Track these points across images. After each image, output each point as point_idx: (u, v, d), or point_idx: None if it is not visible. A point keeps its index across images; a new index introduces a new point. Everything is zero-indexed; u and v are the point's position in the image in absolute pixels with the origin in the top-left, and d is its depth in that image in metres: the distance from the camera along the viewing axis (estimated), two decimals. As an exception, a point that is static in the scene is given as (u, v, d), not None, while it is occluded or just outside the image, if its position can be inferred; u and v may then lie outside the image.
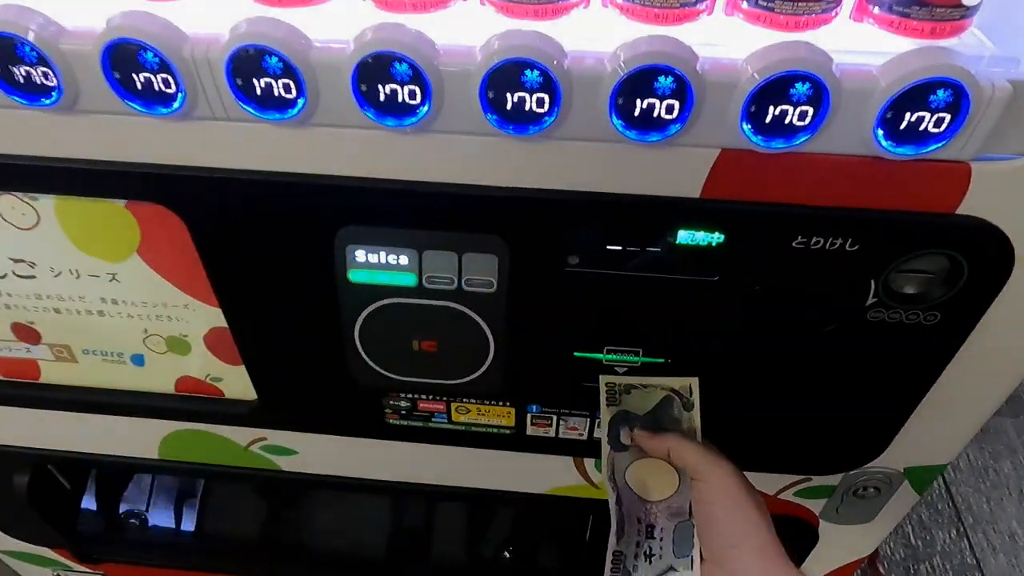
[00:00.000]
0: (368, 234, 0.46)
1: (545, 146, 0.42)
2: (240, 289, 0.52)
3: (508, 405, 0.60)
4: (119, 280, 0.58)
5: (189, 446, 0.72)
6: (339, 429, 0.66)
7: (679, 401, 0.52)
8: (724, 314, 0.50)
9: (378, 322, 0.49)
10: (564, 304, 0.50)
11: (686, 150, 0.42)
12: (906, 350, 0.50)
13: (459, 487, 0.72)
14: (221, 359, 0.63)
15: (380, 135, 0.42)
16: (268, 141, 0.44)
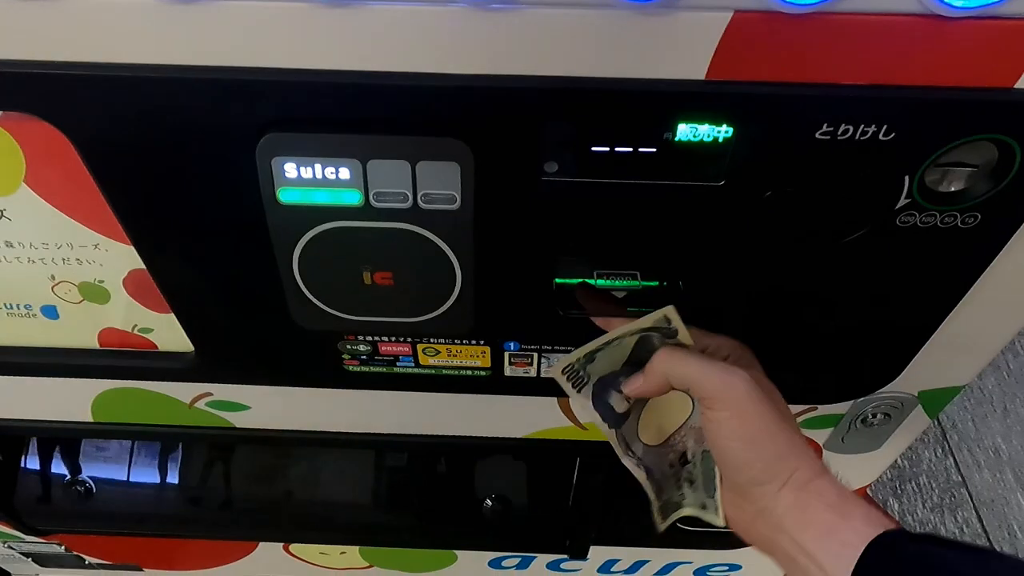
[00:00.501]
0: (298, 143, 0.37)
1: (514, 18, 0.33)
2: (150, 222, 0.44)
3: (482, 344, 0.53)
4: (9, 217, 0.48)
5: (125, 406, 0.64)
6: (291, 379, 0.58)
7: (658, 335, 0.44)
8: (729, 226, 0.42)
9: (320, 252, 0.41)
10: (542, 221, 0.42)
11: (688, 17, 0.33)
12: (937, 259, 0.44)
13: (432, 436, 0.66)
14: (147, 307, 0.54)
15: (304, 10, 0.33)
16: (163, 25, 0.34)
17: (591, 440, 0.66)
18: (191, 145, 0.38)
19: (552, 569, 0.97)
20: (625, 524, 0.79)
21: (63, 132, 0.39)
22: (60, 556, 1.00)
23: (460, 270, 0.42)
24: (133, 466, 0.78)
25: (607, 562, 0.94)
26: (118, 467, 0.79)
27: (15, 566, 1.06)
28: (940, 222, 0.41)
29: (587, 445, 0.66)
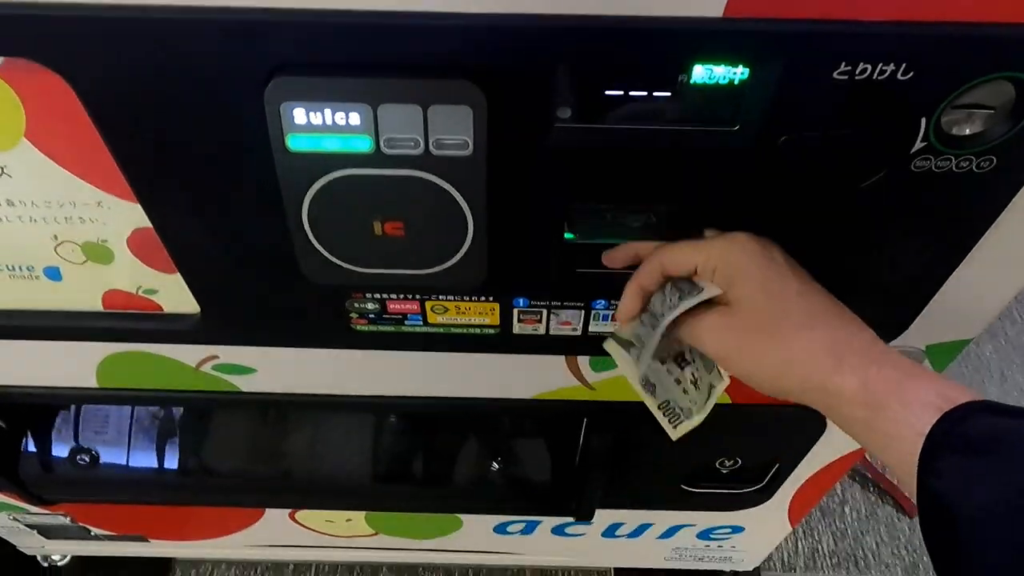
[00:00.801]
0: (307, 87, 0.36)
1: (527, -48, 0.33)
2: (155, 173, 0.43)
3: (491, 300, 0.53)
4: (10, 174, 0.47)
5: (131, 371, 0.64)
6: (299, 340, 0.58)
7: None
8: (742, 172, 0.42)
9: (330, 202, 0.40)
10: (555, 169, 0.41)
11: (707, -49, 0.33)
12: (951, 206, 0.43)
13: (439, 398, 0.66)
14: (152, 266, 0.54)
15: (311, -53, 0.32)
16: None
17: (598, 400, 0.66)
18: (198, 91, 0.38)
19: (557, 534, 0.97)
20: (631, 486, 0.79)
21: (65, 79, 0.38)
22: (66, 527, 1.00)
23: (472, 220, 0.41)
24: (132, 449, 0.78)
25: (611, 526, 0.95)
26: (118, 450, 0.78)
27: (20, 538, 1.06)
28: (955, 166, 0.41)
29: (594, 406, 0.66)
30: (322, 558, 1.19)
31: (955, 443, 0.33)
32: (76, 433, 0.75)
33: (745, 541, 0.99)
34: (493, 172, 0.40)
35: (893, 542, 1.24)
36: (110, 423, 0.77)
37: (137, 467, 0.77)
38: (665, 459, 0.77)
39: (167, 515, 0.99)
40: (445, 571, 1.19)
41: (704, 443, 0.74)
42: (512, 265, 0.46)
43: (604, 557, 1.11)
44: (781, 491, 0.83)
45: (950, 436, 0.34)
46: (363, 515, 0.94)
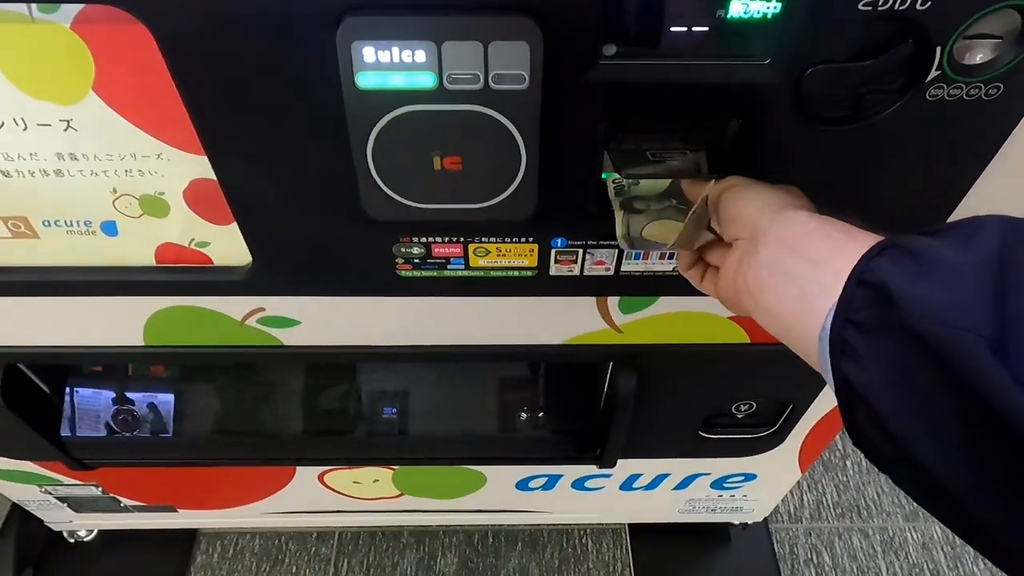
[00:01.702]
0: (377, 26, 0.39)
1: None
2: (225, 118, 0.45)
3: (531, 241, 0.56)
4: (75, 128, 0.50)
5: (178, 327, 0.66)
6: (345, 288, 0.61)
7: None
8: (771, 105, 0.45)
9: (393, 139, 0.43)
10: (599, 103, 0.44)
11: None
12: (962, 133, 0.47)
13: (473, 345, 0.69)
14: (205, 218, 0.56)
15: None
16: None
17: (625, 343, 0.69)
18: (272, 33, 0.40)
19: (577, 488, 1.01)
20: (651, 433, 0.83)
21: (144, 23, 0.40)
22: (96, 499, 1.03)
23: (525, 153, 0.44)
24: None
25: (629, 478, 0.99)
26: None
27: (49, 513, 1.08)
28: (966, 94, 0.45)
29: (621, 349, 0.70)
30: (345, 524, 1.22)
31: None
32: (119, 395, 0.77)
33: (756, 489, 1.03)
34: (545, 106, 0.43)
35: (893, 492, 1.29)
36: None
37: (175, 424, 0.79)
38: (684, 405, 0.81)
39: (196, 483, 1.01)
40: (465, 534, 1.22)
41: (721, 386, 0.79)
42: (558, 199, 0.49)
43: (620, 513, 1.15)
44: (792, 435, 0.87)
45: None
46: (390, 475, 0.97)
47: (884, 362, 0.31)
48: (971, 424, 0.29)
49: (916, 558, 1.22)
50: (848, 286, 0.33)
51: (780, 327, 0.40)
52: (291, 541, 1.22)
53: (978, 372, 0.28)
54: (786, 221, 0.40)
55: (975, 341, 0.28)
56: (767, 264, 0.40)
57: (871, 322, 0.32)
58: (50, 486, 0.98)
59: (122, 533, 1.16)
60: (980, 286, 0.29)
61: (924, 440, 0.30)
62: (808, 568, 1.20)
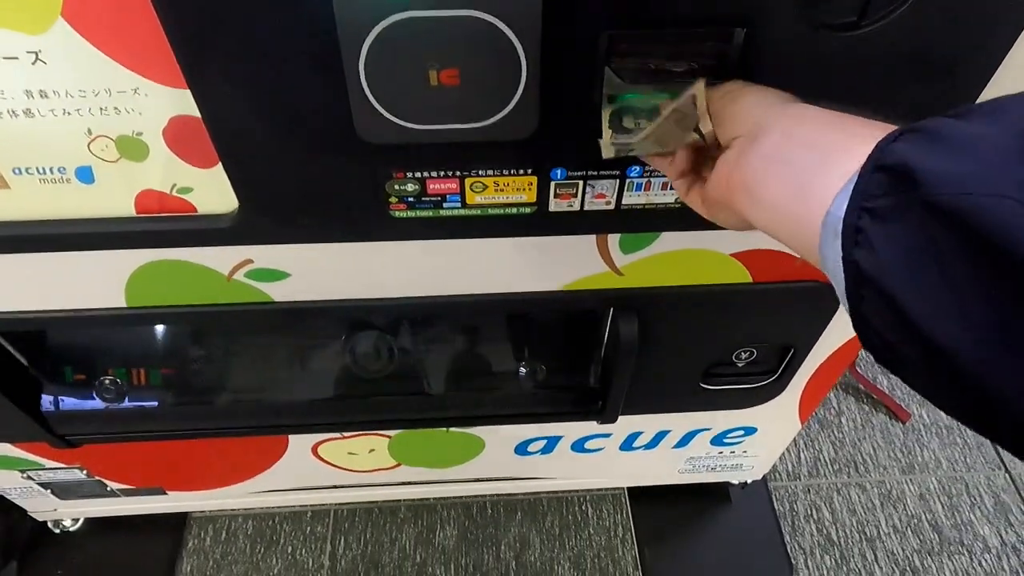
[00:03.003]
0: (366, -77, 0.37)
1: None
2: (210, 40, 0.43)
3: (529, 173, 0.54)
4: (45, 60, 0.47)
5: (161, 285, 0.63)
6: (337, 233, 0.58)
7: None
8: (776, 11, 0.44)
9: (387, 51, 0.41)
10: (604, 7, 0.42)
11: None
12: (967, 35, 0.46)
13: (471, 295, 0.67)
14: (187, 160, 0.54)
15: None
16: None
17: (626, 287, 0.68)
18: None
19: (576, 450, 1.00)
20: (651, 385, 0.82)
21: (118, -70, 0.38)
22: (81, 484, 0.99)
23: (526, 62, 0.42)
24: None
25: (629, 437, 0.98)
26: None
27: (32, 501, 1.05)
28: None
29: (622, 293, 0.68)
30: (341, 500, 1.20)
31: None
32: (100, 364, 0.74)
33: (756, 445, 1.02)
34: (547, 12, 0.41)
35: (888, 446, 1.30)
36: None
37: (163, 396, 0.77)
38: (685, 354, 0.80)
39: (185, 461, 0.98)
40: (463, 506, 1.21)
41: (723, 332, 0.78)
42: (559, 119, 0.47)
43: (620, 476, 1.14)
44: (793, 383, 0.87)
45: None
46: (386, 444, 0.95)
47: (902, 245, 0.30)
48: (1005, 296, 0.27)
49: (914, 509, 1.23)
50: (864, 173, 0.31)
51: (776, 218, 0.38)
52: (285, 521, 1.19)
53: (1017, 236, 0.26)
54: (794, 113, 0.38)
55: (1010, 206, 0.26)
56: (768, 153, 0.38)
57: (890, 207, 0.30)
58: (32, 471, 0.95)
59: (110, 520, 1.13)
60: (1009, 154, 0.28)
61: (944, 318, 0.29)
62: (808, 523, 1.21)
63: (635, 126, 0.48)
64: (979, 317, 0.28)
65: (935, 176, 0.29)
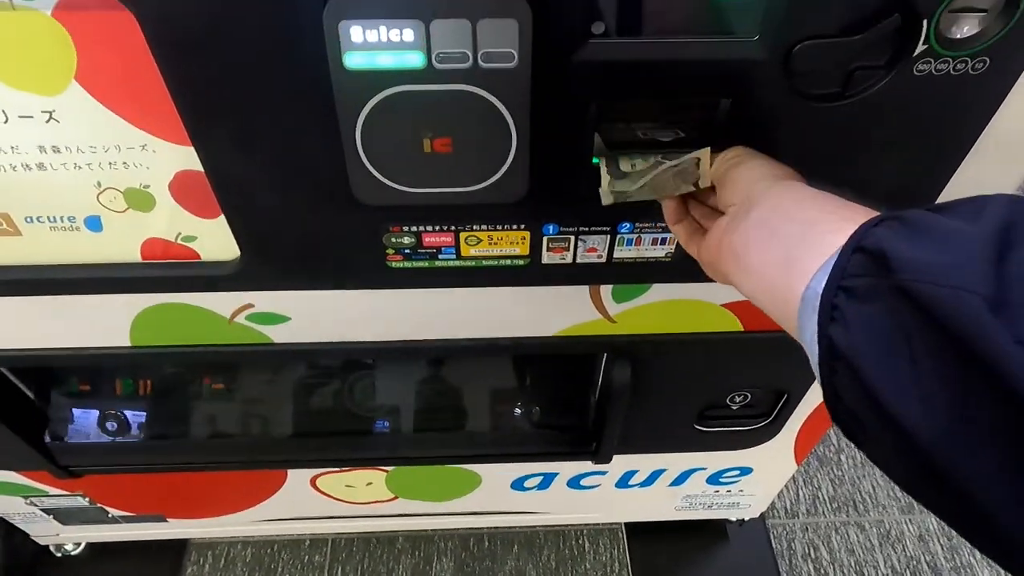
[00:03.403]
0: (364, 4, 0.39)
1: None
2: (212, 104, 0.45)
3: (522, 228, 0.55)
4: (58, 119, 0.49)
5: (165, 326, 0.65)
6: (335, 281, 0.60)
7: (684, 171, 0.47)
8: (761, 82, 0.45)
9: (383, 121, 0.43)
10: (589, 82, 0.44)
11: None
12: (950, 108, 0.47)
13: (466, 339, 0.68)
14: (192, 211, 0.56)
15: None
16: None
17: (619, 334, 0.69)
18: (257, 14, 0.40)
19: (572, 487, 1.00)
20: (645, 426, 0.82)
21: (126, 4, 0.40)
22: (83, 510, 1.01)
23: (515, 132, 0.44)
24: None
25: (625, 475, 0.98)
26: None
27: (35, 526, 1.06)
28: (953, 69, 0.45)
29: (615, 339, 0.69)
30: (338, 531, 1.20)
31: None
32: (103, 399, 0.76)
33: (753, 484, 1.02)
34: (535, 86, 0.42)
35: (888, 485, 1.29)
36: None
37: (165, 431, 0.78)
38: (678, 397, 0.80)
39: (186, 490, 0.99)
40: (460, 538, 1.21)
41: (716, 377, 0.78)
42: (549, 182, 0.49)
43: (616, 512, 1.14)
44: (788, 426, 0.87)
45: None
46: (383, 478, 0.96)
47: (874, 326, 0.31)
48: (964, 385, 0.28)
49: (913, 550, 1.22)
50: (844, 252, 0.33)
51: (760, 286, 0.39)
52: (283, 549, 1.20)
53: (976, 332, 0.27)
54: (783, 188, 0.40)
55: (974, 300, 0.28)
56: (756, 224, 0.40)
57: (866, 288, 0.31)
58: (35, 497, 0.96)
59: (111, 545, 1.14)
60: (982, 250, 0.29)
61: (907, 400, 0.30)
62: (806, 563, 1.20)
63: (631, 168, 0.49)
64: (940, 403, 0.29)
65: (909, 263, 0.30)
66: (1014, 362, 0.26)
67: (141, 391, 0.77)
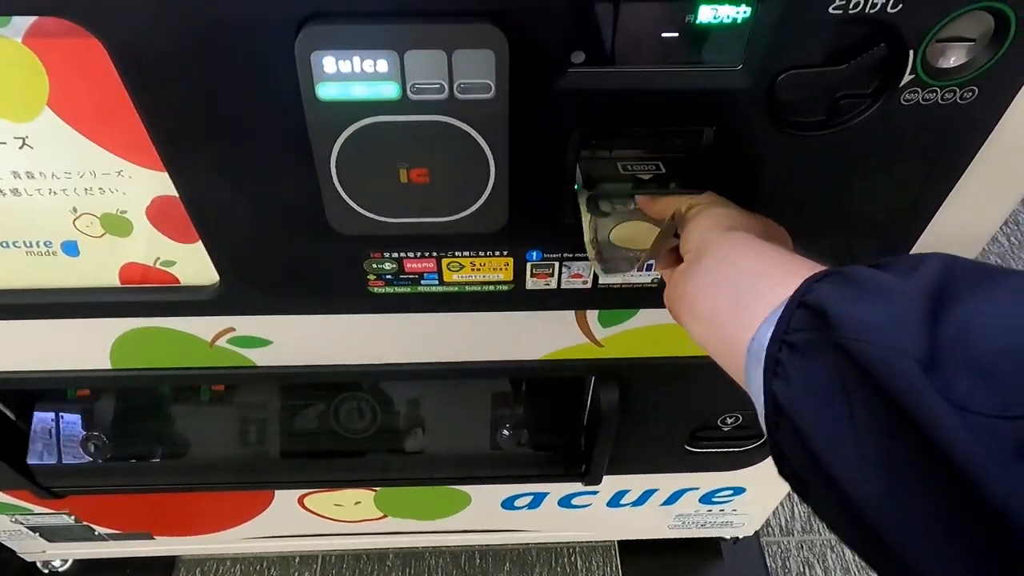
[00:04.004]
0: (337, 35, 0.38)
1: None
2: (184, 132, 0.44)
3: (505, 254, 0.55)
4: (31, 145, 0.48)
5: (146, 349, 0.64)
6: (316, 306, 0.59)
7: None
8: (744, 111, 0.44)
9: (358, 151, 0.42)
10: (569, 112, 0.43)
11: None
12: (939, 138, 0.46)
13: (451, 363, 0.67)
14: (169, 236, 0.55)
15: None
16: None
17: (606, 357, 0.68)
18: (228, 43, 0.39)
19: (563, 506, 0.99)
20: (635, 447, 0.81)
21: (96, 35, 0.39)
22: (69, 528, 1.00)
23: (494, 164, 0.43)
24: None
25: (616, 494, 0.97)
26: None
27: (21, 543, 1.05)
28: (941, 98, 0.44)
29: (602, 363, 0.68)
30: (328, 548, 1.19)
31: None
32: (87, 421, 0.75)
33: (746, 503, 1.01)
34: (514, 116, 0.42)
35: (884, 502, 1.28)
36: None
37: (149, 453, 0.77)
38: (668, 419, 0.79)
39: (173, 509, 0.98)
40: (451, 555, 1.20)
41: (706, 399, 0.77)
42: (530, 211, 0.48)
43: (608, 530, 1.13)
44: (780, 447, 0.86)
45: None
46: (372, 497, 0.95)
47: (814, 381, 0.31)
48: (899, 445, 0.28)
49: (909, 569, 1.21)
50: (788, 307, 0.33)
51: (708, 334, 0.40)
52: (273, 566, 1.19)
53: (908, 391, 0.27)
54: (732, 238, 0.40)
55: (906, 360, 0.28)
56: (706, 272, 0.40)
57: (806, 343, 0.32)
58: (21, 515, 0.95)
59: (98, 562, 1.13)
60: (916, 309, 0.29)
61: (846, 460, 0.30)
62: (801, 582, 1.19)
63: (612, 209, 0.49)
64: (876, 463, 0.29)
65: (847, 321, 0.30)
66: (945, 423, 0.26)
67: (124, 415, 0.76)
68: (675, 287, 0.43)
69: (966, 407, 0.26)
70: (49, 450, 0.77)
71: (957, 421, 0.26)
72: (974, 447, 0.25)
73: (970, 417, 0.25)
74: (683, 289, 0.42)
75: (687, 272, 0.42)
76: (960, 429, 0.25)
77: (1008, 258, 1.67)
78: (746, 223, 0.42)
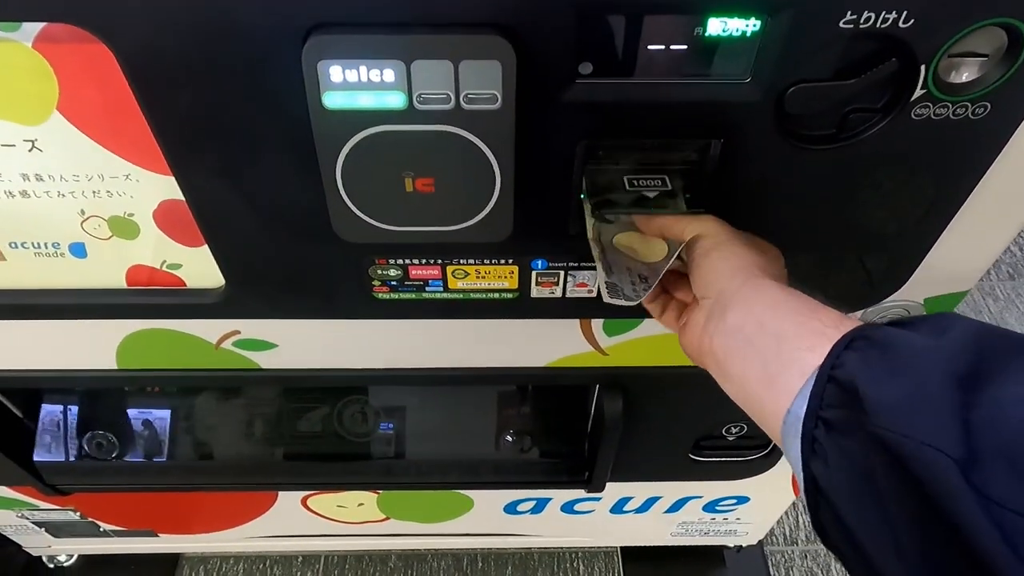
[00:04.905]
0: (344, 44, 0.38)
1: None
2: (191, 138, 0.44)
3: (511, 263, 0.54)
4: (40, 148, 0.49)
5: (152, 350, 0.65)
6: (321, 311, 0.59)
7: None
8: (753, 124, 0.44)
9: (363, 160, 0.42)
10: (576, 124, 0.43)
11: (722, -96, 0.35)
12: (950, 153, 0.46)
13: (455, 368, 0.67)
14: (176, 240, 0.55)
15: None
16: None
17: (611, 366, 0.68)
18: (236, 51, 0.39)
19: (566, 512, 0.99)
20: (639, 456, 0.81)
21: (104, 41, 0.39)
22: (74, 524, 1.00)
23: (499, 174, 0.43)
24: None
25: (619, 501, 0.97)
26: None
27: (27, 538, 1.06)
28: (952, 114, 0.44)
29: (607, 371, 0.68)
30: (331, 548, 1.19)
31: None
32: (92, 419, 0.75)
33: (750, 512, 1.01)
34: (520, 127, 0.41)
35: (890, 513, 1.27)
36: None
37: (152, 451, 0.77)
38: (672, 427, 0.79)
39: (176, 507, 0.99)
40: (454, 557, 1.20)
41: (711, 409, 0.77)
42: (536, 220, 0.48)
43: (611, 536, 1.12)
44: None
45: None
46: (375, 499, 0.95)
47: (852, 467, 0.31)
48: (934, 540, 0.29)
49: (914, 581, 1.20)
50: (819, 381, 0.33)
51: (743, 396, 0.40)
52: (276, 565, 1.19)
53: (946, 493, 0.28)
54: (753, 291, 0.40)
55: (944, 460, 0.28)
56: (733, 332, 0.40)
57: (841, 421, 0.32)
58: (27, 511, 0.96)
59: (103, 557, 1.14)
60: (947, 390, 0.29)
61: (884, 548, 0.30)
62: (804, 592, 1.18)
63: (616, 219, 0.48)
64: (913, 554, 0.29)
65: (879, 406, 0.30)
66: (983, 528, 0.26)
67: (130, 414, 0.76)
68: (697, 338, 0.43)
69: (1005, 505, 0.26)
70: (56, 444, 0.77)
71: (996, 530, 0.26)
72: (1013, 556, 0.25)
73: (1009, 517, 0.26)
74: (709, 345, 0.41)
75: (711, 327, 0.41)
76: (997, 531, 0.26)
77: (1021, 267, 1.66)
78: (756, 260, 0.42)
